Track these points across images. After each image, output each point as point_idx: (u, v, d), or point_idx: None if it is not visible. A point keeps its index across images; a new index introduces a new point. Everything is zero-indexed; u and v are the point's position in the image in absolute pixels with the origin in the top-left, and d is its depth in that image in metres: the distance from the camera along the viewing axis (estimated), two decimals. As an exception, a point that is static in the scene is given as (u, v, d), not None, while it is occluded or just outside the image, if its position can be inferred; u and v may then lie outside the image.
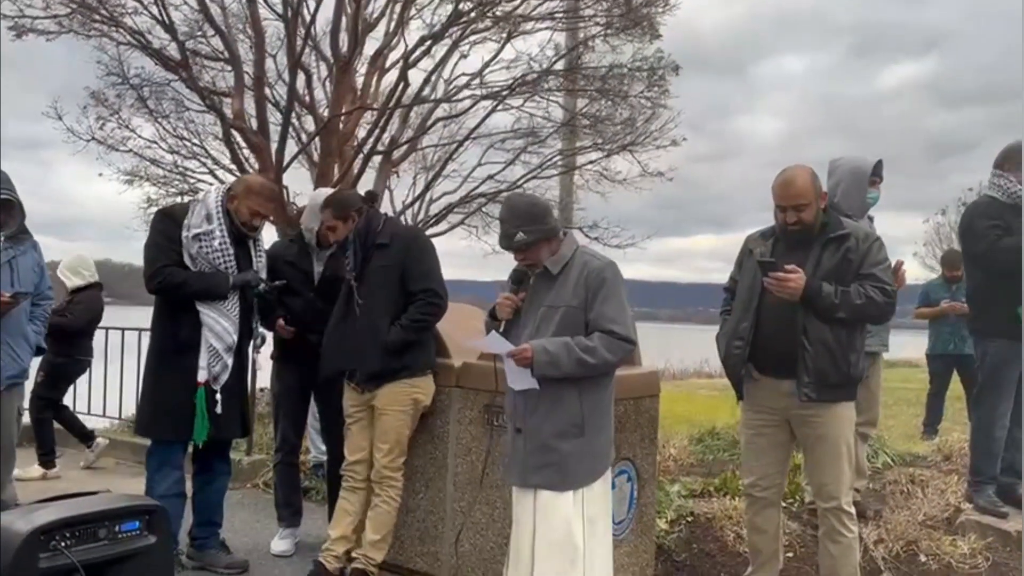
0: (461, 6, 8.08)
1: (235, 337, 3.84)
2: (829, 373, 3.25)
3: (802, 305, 3.23)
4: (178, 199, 9.56)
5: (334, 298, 3.89)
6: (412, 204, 10.54)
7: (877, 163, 4.23)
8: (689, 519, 4.43)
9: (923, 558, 4.02)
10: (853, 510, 3.42)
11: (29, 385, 4.69)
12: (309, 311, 4.13)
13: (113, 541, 2.64)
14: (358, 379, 3.78)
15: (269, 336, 4.38)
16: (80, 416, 7.32)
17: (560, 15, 8.91)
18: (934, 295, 7.13)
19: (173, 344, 3.82)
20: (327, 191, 4.23)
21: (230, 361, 3.82)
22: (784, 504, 4.42)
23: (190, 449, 3.94)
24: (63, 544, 2.52)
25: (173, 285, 3.75)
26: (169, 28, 7.95)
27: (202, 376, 3.76)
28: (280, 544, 4.35)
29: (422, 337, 3.76)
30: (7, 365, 3.66)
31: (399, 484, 3.78)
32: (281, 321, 4.14)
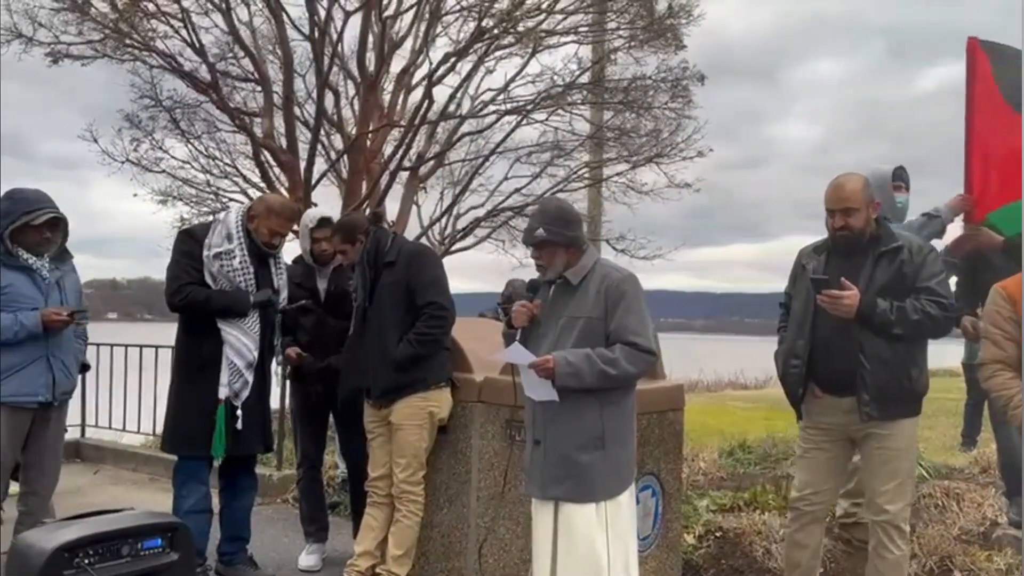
0: (485, 23, 8.15)
1: (255, 354, 3.88)
2: (889, 389, 3.16)
3: (857, 322, 3.14)
4: (211, 218, 9.72)
5: (341, 312, 3.92)
6: (439, 219, 10.61)
7: (898, 168, 4.16)
8: (718, 534, 4.35)
9: (957, 574, 3.91)
10: (907, 528, 3.30)
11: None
12: (320, 327, 4.17)
13: (136, 558, 2.66)
14: (373, 396, 3.81)
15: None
16: (115, 432, 7.49)
17: (584, 29, 8.93)
18: (971, 304, 6.98)
19: (195, 361, 3.87)
20: (318, 212, 4.34)
21: (251, 378, 3.86)
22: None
23: (217, 464, 3.98)
24: (86, 561, 2.54)
25: (196, 302, 3.81)
26: (200, 51, 8.15)
27: (222, 393, 3.80)
28: (307, 559, 4.37)
29: (432, 351, 3.76)
30: (61, 381, 3.74)
31: (420, 499, 3.79)
32: (290, 351, 4.16)
